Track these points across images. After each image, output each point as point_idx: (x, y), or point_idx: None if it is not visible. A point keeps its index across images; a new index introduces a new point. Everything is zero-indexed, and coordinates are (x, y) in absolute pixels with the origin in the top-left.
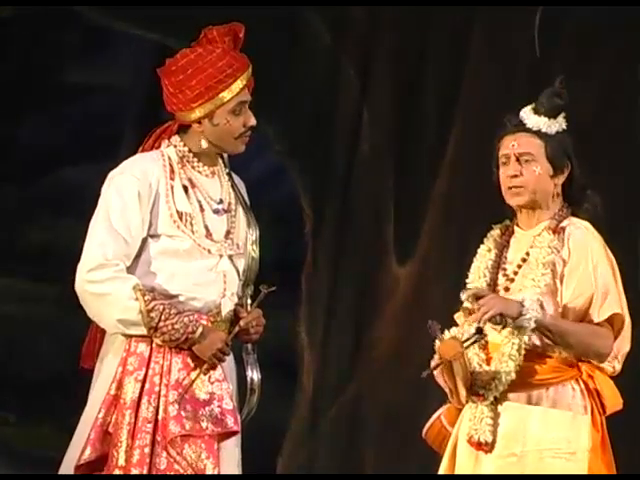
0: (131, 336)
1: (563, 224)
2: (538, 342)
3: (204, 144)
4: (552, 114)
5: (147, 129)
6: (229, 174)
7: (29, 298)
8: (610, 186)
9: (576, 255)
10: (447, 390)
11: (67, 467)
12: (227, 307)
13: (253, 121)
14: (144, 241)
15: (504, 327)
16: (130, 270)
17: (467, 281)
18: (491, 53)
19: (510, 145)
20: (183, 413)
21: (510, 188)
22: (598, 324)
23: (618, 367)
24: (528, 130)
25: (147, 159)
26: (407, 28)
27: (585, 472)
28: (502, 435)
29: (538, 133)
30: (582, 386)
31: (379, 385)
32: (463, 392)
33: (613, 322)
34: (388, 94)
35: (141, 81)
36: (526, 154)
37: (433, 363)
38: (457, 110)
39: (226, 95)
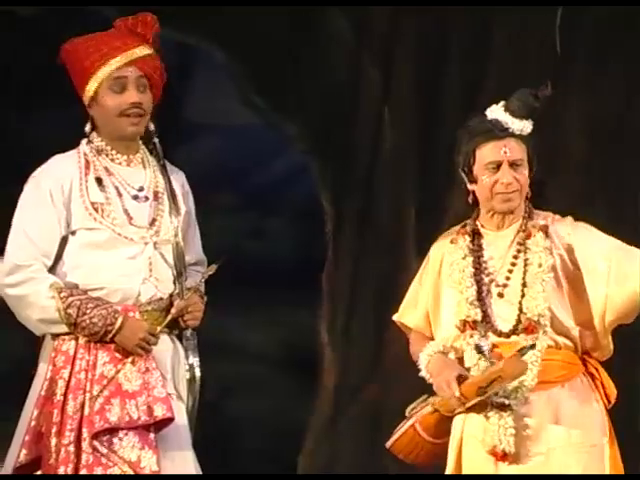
0: (58, 335)
1: (541, 222)
2: (551, 342)
3: (87, 128)
4: (529, 115)
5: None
6: (163, 166)
7: None
8: (636, 185)
9: (587, 254)
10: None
11: (8, 470)
12: (148, 293)
13: (133, 98)
14: (65, 240)
15: None
16: (54, 269)
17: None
18: (513, 53)
19: (501, 152)
20: (107, 407)
21: (500, 194)
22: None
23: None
24: (513, 134)
25: (62, 159)
26: (429, 28)
27: (606, 463)
28: (526, 436)
29: (521, 137)
30: (589, 379)
31: (400, 384)
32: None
33: None
34: (410, 94)
35: None
36: (519, 160)
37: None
38: (478, 110)
39: (105, 70)
